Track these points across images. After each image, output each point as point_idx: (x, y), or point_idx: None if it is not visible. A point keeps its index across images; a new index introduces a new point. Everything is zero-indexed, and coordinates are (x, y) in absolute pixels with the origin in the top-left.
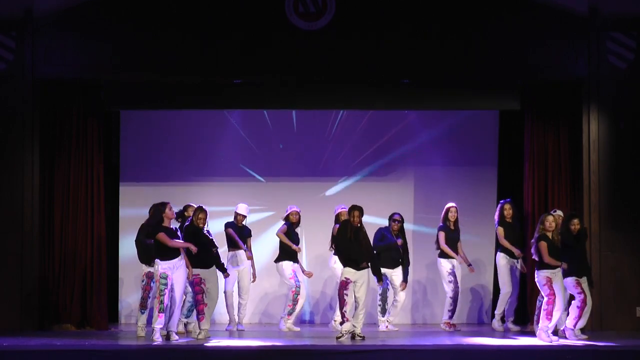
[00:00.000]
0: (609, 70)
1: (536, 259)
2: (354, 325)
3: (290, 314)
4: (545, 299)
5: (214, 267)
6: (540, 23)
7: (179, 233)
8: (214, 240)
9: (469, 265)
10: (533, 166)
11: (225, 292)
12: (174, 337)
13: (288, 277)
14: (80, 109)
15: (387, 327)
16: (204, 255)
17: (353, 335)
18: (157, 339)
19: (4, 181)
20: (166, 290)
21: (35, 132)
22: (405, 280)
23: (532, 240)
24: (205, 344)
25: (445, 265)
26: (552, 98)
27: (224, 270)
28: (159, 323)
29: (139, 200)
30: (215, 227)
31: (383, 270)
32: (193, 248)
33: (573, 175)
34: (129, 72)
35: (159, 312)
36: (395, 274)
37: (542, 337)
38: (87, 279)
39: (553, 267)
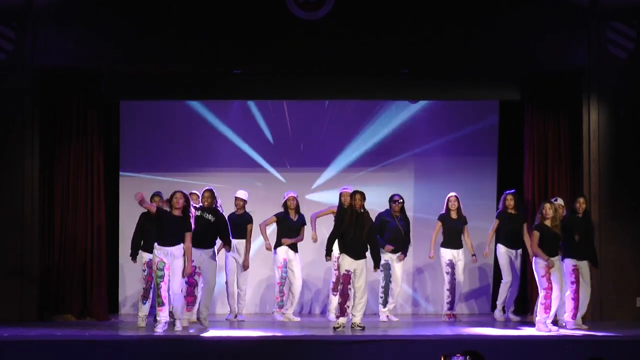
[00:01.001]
0: (609, 60)
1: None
2: (353, 315)
3: (280, 307)
4: (543, 292)
5: (212, 250)
6: (540, 13)
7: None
8: (217, 218)
9: (472, 255)
10: (533, 156)
11: (226, 282)
12: (178, 327)
13: (277, 265)
14: (80, 99)
15: (387, 317)
16: (202, 235)
17: (352, 325)
18: (159, 330)
19: (3, 172)
20: (162, 284)
21: (35, 123)
22: (405, 253)
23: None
24: (204, 335)
25: (444, 255)
26: (552, 88)
27: (228, 242)
28: (162, 317)
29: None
30: None
31: (385, 255)
32: (152, 208)
33: (573, 165)
34: (129, 63)
35: (158, 306)
36: (393, 260)
37: (540, 329)
38: (87, 269)
39: (550, 255)
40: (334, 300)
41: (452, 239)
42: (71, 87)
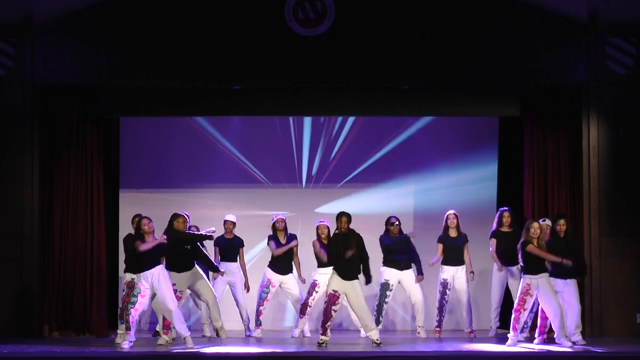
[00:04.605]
0: (608, 76)
1: (522, 264)
2: (368, 332)
3: (258, 324)
4: (513, 313)
5: (195, 269)
6: (539, 29)
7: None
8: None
9: (471, 272)
10: (533, 172)
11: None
12: (190, 343)
13: (260, 284)
14: (79, 115)
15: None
16: (183, 258)
17: (372, 342)
18: (124, 347)
19: (3, 188)
20: (133, 310)
21: (34, 139)
22: (420, 273)
23: (518, 246)
24: (205, 351)
25: (441, 273)
26: (552, 104)
27: (215, 269)
28: (128, 338)
29: (138, 206)
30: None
31: (390, 273)
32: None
33: (573, 181)
34: (128, 79)
35: (126, 330)
36: (403, 277)
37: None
38: (86, 285)
39: (536, 273)
40: (301, 321)
41: (452, 256)
42: (70, 102)
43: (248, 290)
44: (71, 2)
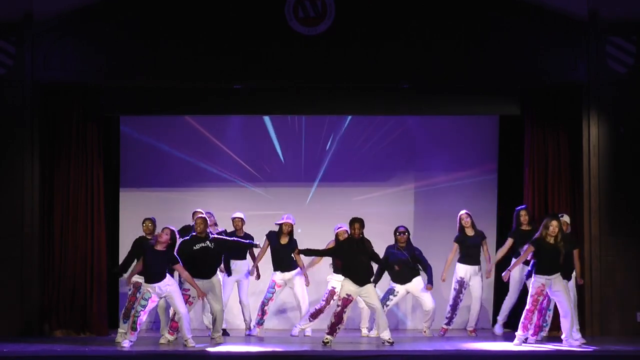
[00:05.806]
0: (608, 74)
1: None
2: (381, 333)
3: (259, 323)
4: (525, 312)
5: (215, 277)
6: (539, 28)
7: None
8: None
9: (491, 269)
10: (533, 171)
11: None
12: (191, 343)
13: (267, 286)
14: (79, 114)
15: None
16: (200, 265)
17: (383, 342)
18: (125, 345)
19: (3, 186)
20: (142, 312)
21: (34, 137)
22: (430, 282)
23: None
24: (208, 350)
25: (458, 271)
26: (552, 103)
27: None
28: (129, 338)
29: (139, 205)
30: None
31: (392, 285)
32: (200, 293)
33: (573, 180)
34: (129, 78)
35: (131, 330)
36: (409, 287)
37: (517, 343)
38: (87, 284)
39: (549, 273)
40: (309, 324)
41: (470, 255)
42: (71, 101)
43: (258, 278)
44: (71, 1)
